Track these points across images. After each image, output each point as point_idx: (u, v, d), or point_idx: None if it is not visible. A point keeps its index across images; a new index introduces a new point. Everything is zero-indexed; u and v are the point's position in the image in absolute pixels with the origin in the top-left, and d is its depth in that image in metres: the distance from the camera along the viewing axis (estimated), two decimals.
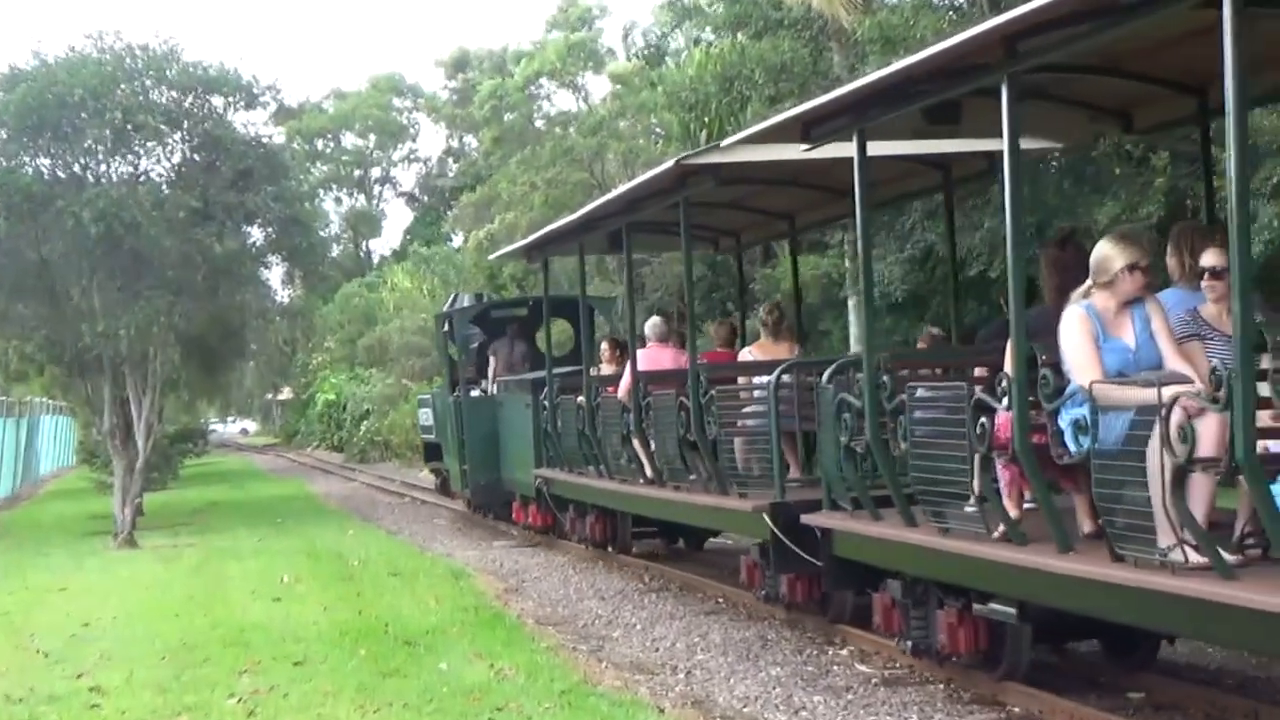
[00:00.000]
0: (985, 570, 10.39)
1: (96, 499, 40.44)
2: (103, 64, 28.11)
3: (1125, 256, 9.72)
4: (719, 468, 15.43)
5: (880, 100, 11.00)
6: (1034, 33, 9.07)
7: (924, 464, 11.03)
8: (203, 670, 13.38)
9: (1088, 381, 9.27)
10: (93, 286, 28.17)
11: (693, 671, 12.95)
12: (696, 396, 15.62)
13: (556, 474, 22.20)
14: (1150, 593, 8.50)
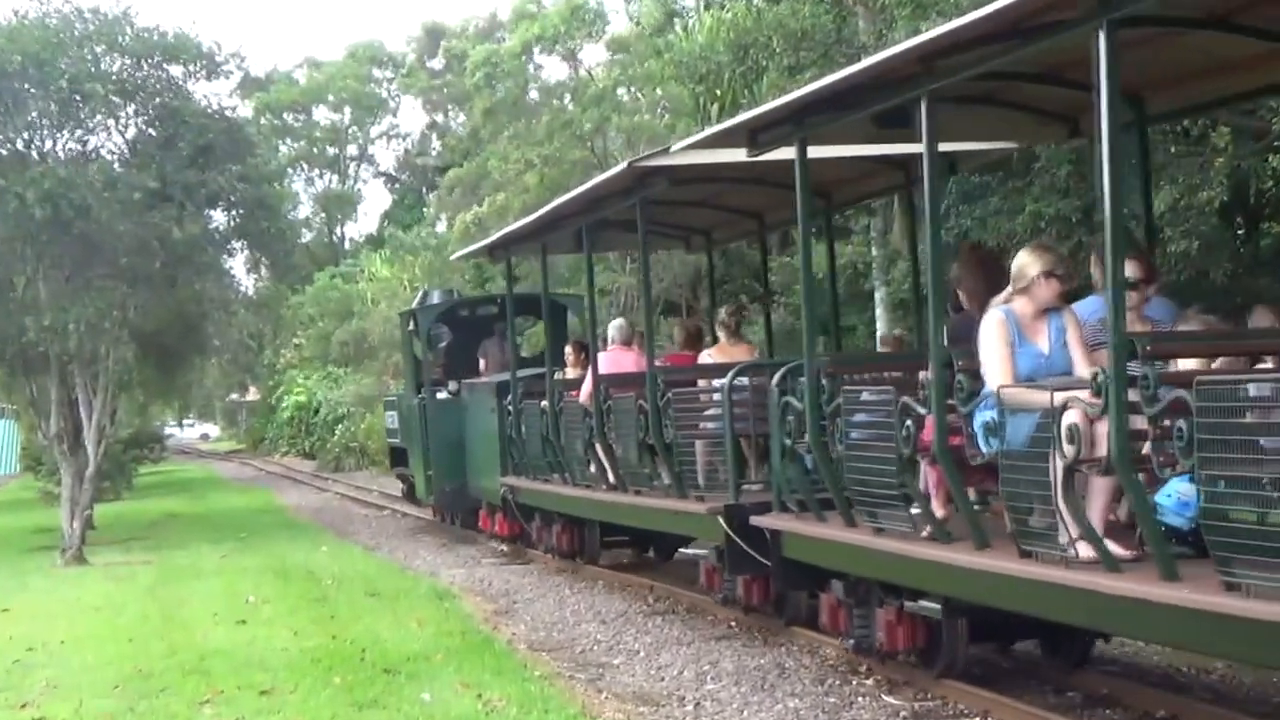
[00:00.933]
0: (913, 568, 11.93)
1: (42, 510, 40.54)
2: (47, 28, 28.11)
3: (1041, 264, 11.14)
4: (676, 471, 16.82)
5: (822, 108, 12.51)
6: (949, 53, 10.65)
7: (858, 466, 12.52)
8: (159, 700, 13.40)
9: (998, 385, 10.73)
10: (38, 276, 28.22)
11: (702, 703, 12.96)
12: (654, 400, 17.08)
13: (522, 482, 23.46)
14: (1050, 585, 10.02)
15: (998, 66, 10.80)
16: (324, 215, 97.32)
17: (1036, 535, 10.27)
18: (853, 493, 12.83)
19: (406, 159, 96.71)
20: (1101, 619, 9.95)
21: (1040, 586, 10.16)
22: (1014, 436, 10.38)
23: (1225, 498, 8.48)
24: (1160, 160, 24.06)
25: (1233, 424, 8.41)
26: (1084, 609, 9.84)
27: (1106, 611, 9.63)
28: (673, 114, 45.93)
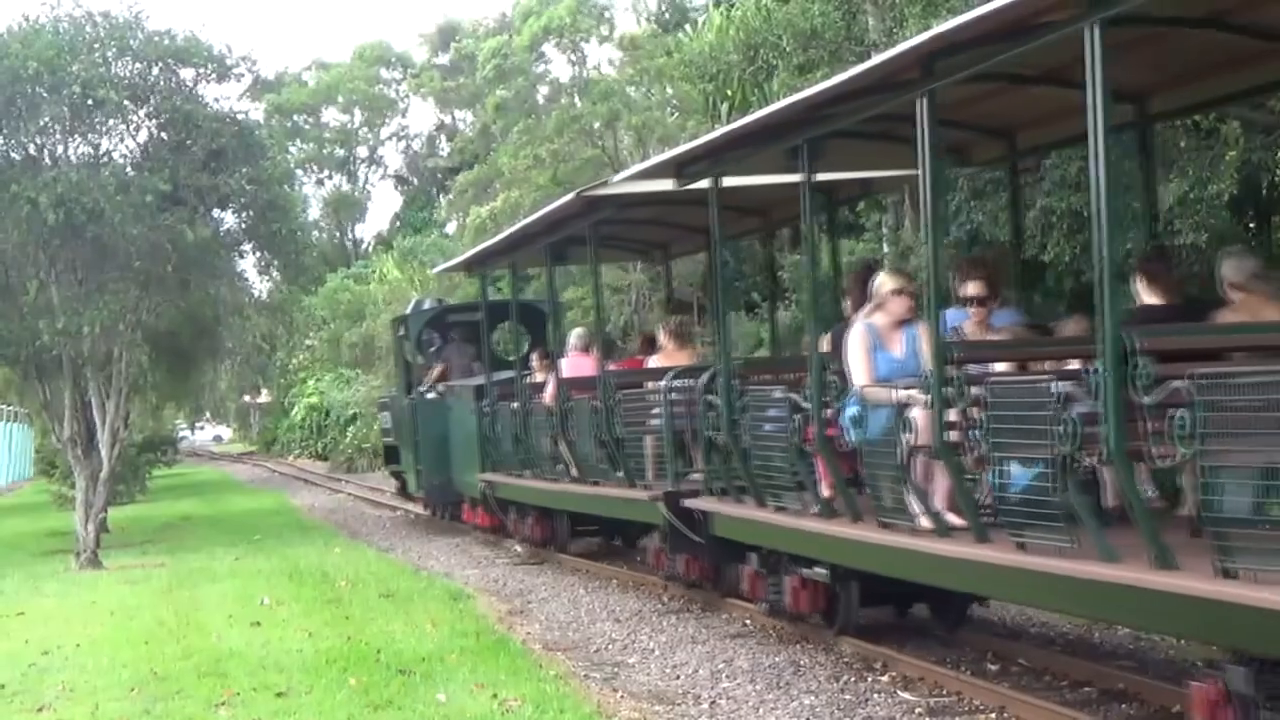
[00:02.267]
0: (805, 540, 14.41)
1: (56, 514, 40.56)
2: (59, 33, 28.10)
3: (893, 284, 13.59)
4: (626, 463, 19.30)
5: (737, 145, 14.68)
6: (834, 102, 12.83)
7: (762, 455, 15.11)
8: (175, 703, 13.41)
9: (860, 385, 13.14)
10: (51, 280, 28.20)
11: (718, 701, 12.96)
12: (606, 401, 19.53)
13: (498, 477, 26.01)
14: (899, 550, 12.44)
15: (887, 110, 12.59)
16: (334, 217, 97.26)
17: (891, 509, 12.67)
18: (760, 478, 15.25)
19: (416, 161, 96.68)
20: (936, 576, 12.33)
21: (893, 551, 12.58)
22: (873, 428, 12.84)
23: (1013, 471, 10.89)
24: (1170, 153, 24.05)
25: (1023, 415, 10.44)
26: (923, 568, 12.33)
27: (939, 570, 12.06)
28: (683, 113, 45.94)
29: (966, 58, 11.09)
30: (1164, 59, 12.53)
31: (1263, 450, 8.67)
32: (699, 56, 32.49)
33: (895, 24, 24.78)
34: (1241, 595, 8.59)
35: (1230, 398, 8.80)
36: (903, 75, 11.70)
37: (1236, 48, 12.01)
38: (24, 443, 67.18)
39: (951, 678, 12.95)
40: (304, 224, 36.44)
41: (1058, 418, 10.05)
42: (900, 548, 12.40)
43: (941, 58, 11.24)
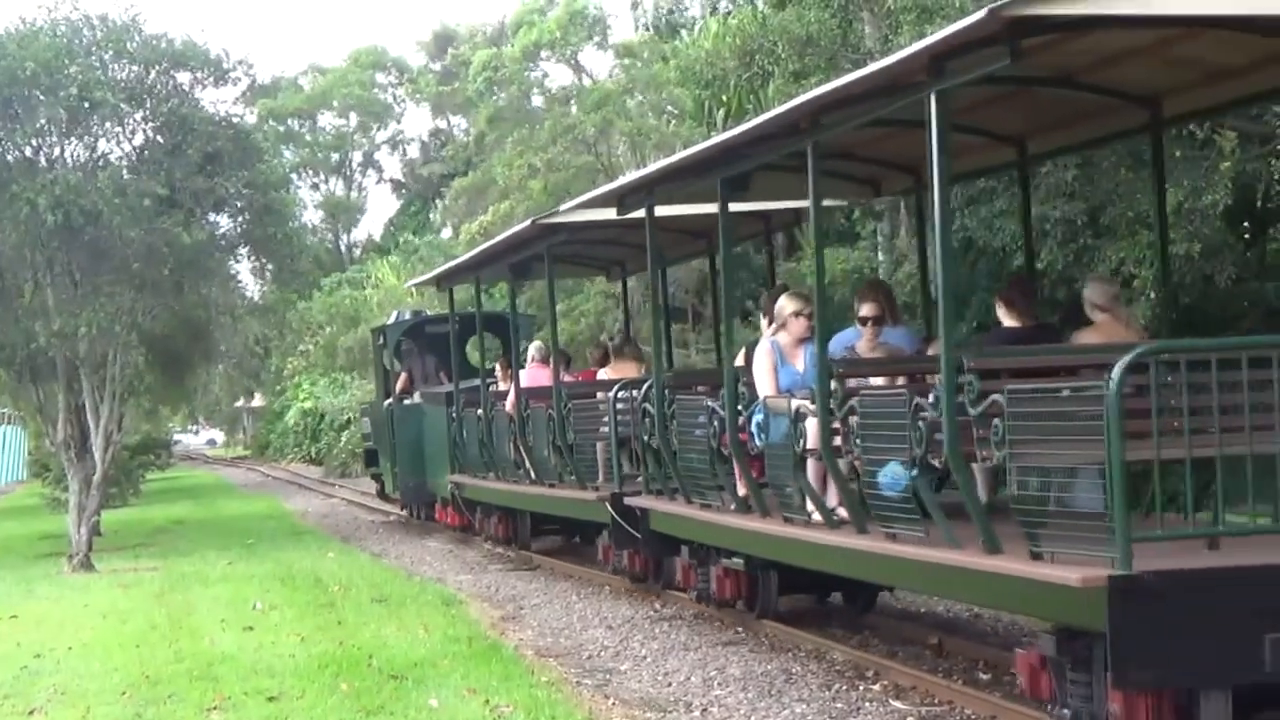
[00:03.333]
0: (724, 534, 16.06)
1: (49, 517, 40.54)
2: (56, 36, 28.10)
3: (793, 306, 15.07)
4: (577, 467, 21.14)
5: (671, 178, 16.36)
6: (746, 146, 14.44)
7: (687, 456, 16.77)
8: (167, 707, 13.40)
9: (763, 395, 14.82)
10: (47, 282, 28.19)
11: (709, 709, 12.94)
12: (559, 409, 21.23)
13: (465, 479, 27.90)
14: (794, 540, 14.27)
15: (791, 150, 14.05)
16: (330, 221, 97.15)
17: (790, 505, 14.33)
18: (686, 478, 16.94)
19: (411, 166, 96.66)
20: (824, 563, 14.06)
21: (790, 542, 14.42)
22: (775, 434, 14.40)
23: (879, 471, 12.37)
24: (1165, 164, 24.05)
25: (886, 423, 12.16)
26: (814, 557, 14.10)
27: (826, 557, 13.82)
28: (677, 119, 45.91)
29: (843, 114, 12.90)
30: (1034, 110, 14.40)
31: (1058, 453, 10.27)
32: (695, 63, 32.51)
33: (891, 31, 24.81)
34: (1044, 574, 10.19)
35: (1032, 409, 10.40)
36: (799, 124, 13.31)
37: (1088, 102, 13.86)
38: (17, 445, 67.19)
39: (943, 686, 12.94)
40: (299, 228, 36.44)
41: (912, 425, 11.77)
42: (796, 539, 14.24)
43: (825, 112, 12.95)
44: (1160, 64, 12.73)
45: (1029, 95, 13.83)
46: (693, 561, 17.59)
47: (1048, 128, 15.24)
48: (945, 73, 10.98)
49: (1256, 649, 9.54)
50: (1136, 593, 9.53)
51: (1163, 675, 9.67)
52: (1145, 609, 9.54)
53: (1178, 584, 9.67)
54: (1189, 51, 12.32)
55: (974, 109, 13.98)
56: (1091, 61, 12.65)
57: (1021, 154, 15.97)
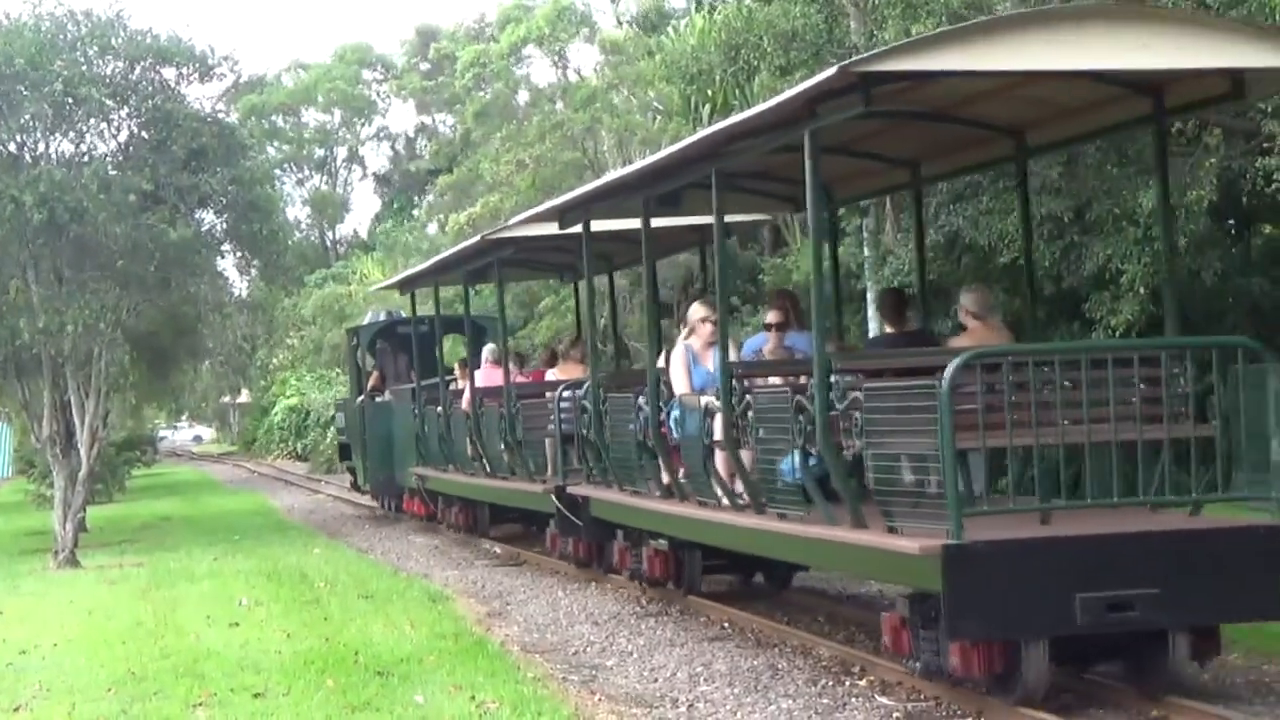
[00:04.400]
0: (649, 518, 17.80)
1: (34, 513, 40.49)
2: (41, 31, 28.04)
3: (700, 313, 16.72)
4: (525, 461, 22.92)
5: (607, 196, 18.05)
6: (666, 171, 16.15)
7: (617, 447, 18.56)
8: (152, 703, 13.37)
9: (678, 393, 16.47)
10: (32, 278, 28.13)
11: (695, 704, 12.95)
12: (510, 408, 23.12)
13: (429, 471, 29.56)
14: (703, 521, 16.09)
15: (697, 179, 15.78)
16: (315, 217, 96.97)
17: (703, 490, 15.97)
18: (618, 468, 18.74)
19: (396, 162, 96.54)
20: (730, 541, 15.89)
21: (700, 523, 16.24)
22: (688, 427, 16.06)
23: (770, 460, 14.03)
24: (1149, 159, 24.08)
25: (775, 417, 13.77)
26: (719, 536, 16.03)
27: (728, 536, 15.68)
28: (664, 115, 45.91)
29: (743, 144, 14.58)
30: (923, 138, 16.03)
31: (904, 441, 11.89)
32: (681, 58, 32.48)
33: (876, 26, 24.80)
34: (894, 544, 11.90)
35: (883, 404, 12.10)
36: (704, 152, 15.09)
37: (965, 132, 15.44)
38: (3, 442, 67.07)
39: (929, 682, 12.92)
40: (284, 224, 36.43)
41: (794, 419, 13.39)
42: (707, 520, 15.98)
43: (727, 143, 14.66)
44: (1020, 103, 14.34)
45: (916, 126, 15.47)
46: (627, 544, 19.35)
47: (936, 154, 16.81)
48: (817, 115, 12.82)
49: (1069, 606, 11.40)
50: (967, 559, 11.30)
51: (990, 629, 11.50)
52: (974, 573, 11.33)
53: (1002, 551, 11.52)
54: (1042, 93, 13.98)
55: (872, 137, 15.99)
56: (960, 99, 14.34)
57: (915, 176, 17.42)
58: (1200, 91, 13.23)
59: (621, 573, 19.91)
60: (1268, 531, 11.86)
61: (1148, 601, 11.49)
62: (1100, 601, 11.43)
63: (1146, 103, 13.52)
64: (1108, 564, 11.60)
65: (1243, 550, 11.84)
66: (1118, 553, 11.69)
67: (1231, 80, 12.69)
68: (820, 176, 13.51)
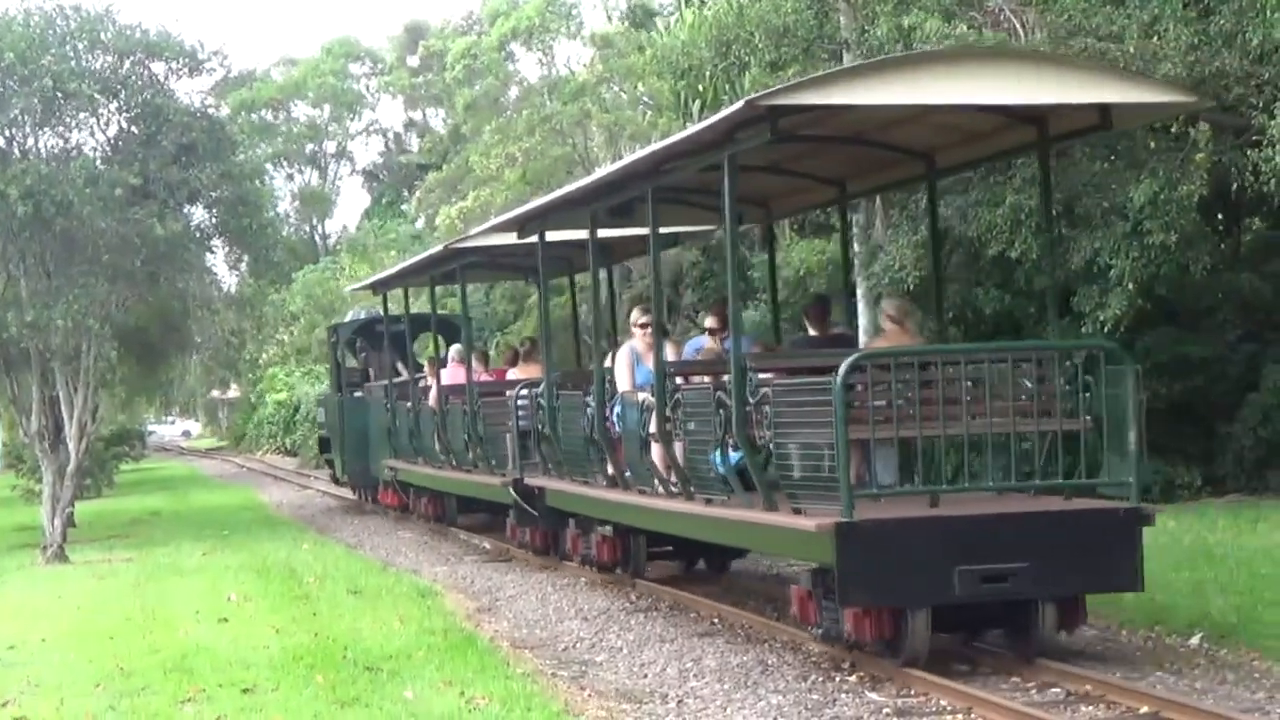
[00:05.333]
0: (596, 505, 19.22)
1: (23, 508, 40.44)
2: (30, 26, 28.00)
3: (637, 318, 18.18)
4: (486, 455, 24.26)
5: (557, 210, 19.32)
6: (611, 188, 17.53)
7: (568, 440, 19.85)
8: (141, 699, 13.35)
9: (621, 390, 17.88)
10: (20, 273, 28.09)
11: (685, 700, 12.95)
12: (472, 405, 24.66)
13: (400, 464, 31.10)
14: (640, 507, 17.43)
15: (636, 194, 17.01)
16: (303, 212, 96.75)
17: (642, 479, 17.27)
18: (568, 460, 20.09)
19: (388, 157, 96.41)
20: (663, 525, 17.33)
21: (637, 509, 17.64)
22: (629, 421, 17.34)
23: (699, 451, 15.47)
24: (1139, 155, 24.10)
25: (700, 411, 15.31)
26: (655, 520, 17.38)
27: (660, 520, 17.14)
28: (654, 110, 45.87)
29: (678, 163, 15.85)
30: (848, 159, 17.47)
31: (804, 432, 13.47)
32: (671, 53, 32.46)
33: (867, 22, 24.78)
34: (796, 523, 13.47)
35: (788, 399, 13.68)
36: (642, 171, 16.48)
37: (881, 156, 16.94)
38: None
39: (918, 678, 12.94)
40: (273, 219, 36.41)
41: (715, 413, 14.85)
42: (644, 506, 17.29)
43: (663, 163, 16.02)
44: (929, 129, 15.65)
45: (841, 149, 16.87)
46: (578, 532, 20.76)
47: (859, 174, 18.35)
48: (735, 140, 14.23)
49: (949, 578, 12.92)
50: (856, 535, 12.84)
51: (877, 597, 13.05)
52: (863, 547, 12.89)
53: (888, 529, 13.13)
54: (947, 120, 15.26)
55: (802, 158, 17.50)
56: (875, 125, 15.65)
57: (841, 194, 19.10)
58: (1076, 122, 14.78)
59: (574, 559, 21.32)
60: (1126, 514, 13.50)
61: (1019, 575, 13.01)
62: (976, 574, 12.94)
63: (1032, 131, 15.05)
64: (984, 541, 13.16)
65: (1104, 530, 13.47)
66: (993, 531, 13.28)
67: (1100, 113, 14.26)
68: (736, 195, 15.00)
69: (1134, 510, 13.55)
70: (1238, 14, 21.92)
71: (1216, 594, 16.19)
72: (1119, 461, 13.71)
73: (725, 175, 14.50)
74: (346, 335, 38.23)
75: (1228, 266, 28.20)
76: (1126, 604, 15.70)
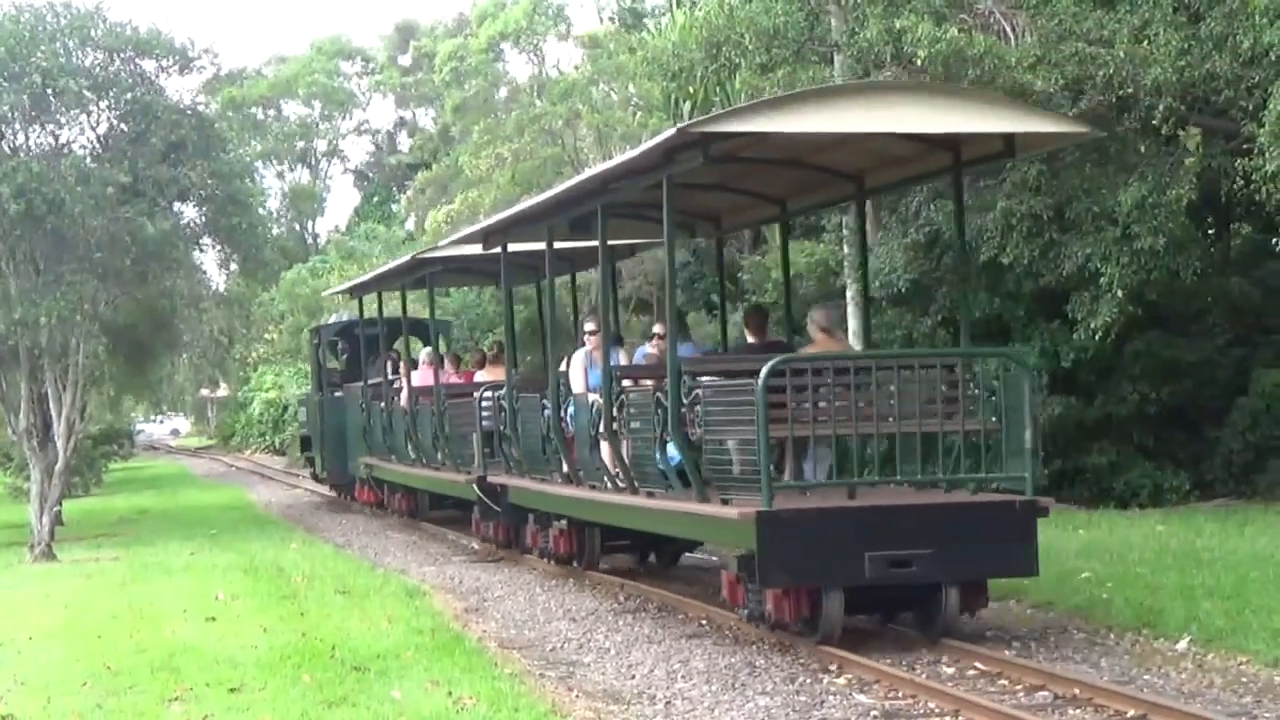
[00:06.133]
0: (551, 501, 20.70)
1: (11, 506, 40.41)
2: (20, 23, 27.96)
3: (590, 325, 19.70)
4: (452, 454, 25.65)
5: (517, 224, 20.83)
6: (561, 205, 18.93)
7: (527, 439, 21.29)
8: (128, 698, 13.33)
9: (576, 392, 19.26)
10: (9, 270, 28.05)
11: (673, 701, 12.94)
12: (439, 406, 26.09)
13: (375, 461, 32.66)
14: (590, 501, 18.87)
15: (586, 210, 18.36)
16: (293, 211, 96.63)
17: (592, 475, 18.64)
18: (527, 458, 21.51)
19: (379, 156, 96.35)
20: (610, 517, 18.96)
21: (590, 503, 18.96)
22: (581, 422, 18.70)
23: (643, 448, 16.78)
24: (1129, 158, 24.13)
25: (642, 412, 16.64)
26: (602, 512, 18.96)
27: (610, 513, 18.64)
28: (644, 110, 45.83)
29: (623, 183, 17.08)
30: (788, 179, 18.68)
31: (730, 429, 15.01)
32: (661, 54, 32.42)
33: (857, 24, 24.78)
34: (721, 512, 14.94)
35: (716, 400, 15.24)
36: (589, 190, 17.97)
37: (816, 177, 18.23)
38: None
39: (907, 680, 12.96)
40: (263, 218, 36.38)
41: (654, 413, 16.17)
42: (594, 500, 18.72)
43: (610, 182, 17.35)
44: (858, 153, 16.93)
45: (781, 170, 18.15)
46: (537, 526, 21.92)
47: (797, 192, 19.53)
48: (674, 162, 15.50)
49: (859, 562, 14.31)
50: (775, 523, 14.22)
51: (794, 579, 14.42)
52: (781, 534, 14.25)
53: (804, 517, 14.56)
54: (874, 146, 16.50)
55: (747, 177, 18.63)
56: (809, 149, 16.82)
57: (783, 211, 20.40)
58: (985, 149, 16.07)
59: (533, 551, 22.49)
60: (1023, 505, 14.80)
61: (924, 560, 14.37)
62: (885, 559, 14.32)
63: (948, 156, 16.28)
64: (891, 530, 14.54)
65: (1002, 520, 14.86)
66: (900, 520, 14.70)
67: (1006, 141, 15.61)
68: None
69: (1030, 503, 14.81)
70: (1228, 18, 21.98)
71: (1204, 598, 16.18)
72: (1017, 459, 14.93)
73: (665, 194, 15.81)
74: (328, 337, 39.53)
75: (1217, 271, 28.24)
76: (1115, 608, 15.83)
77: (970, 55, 22.59)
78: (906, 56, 23.33)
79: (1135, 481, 27.72)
